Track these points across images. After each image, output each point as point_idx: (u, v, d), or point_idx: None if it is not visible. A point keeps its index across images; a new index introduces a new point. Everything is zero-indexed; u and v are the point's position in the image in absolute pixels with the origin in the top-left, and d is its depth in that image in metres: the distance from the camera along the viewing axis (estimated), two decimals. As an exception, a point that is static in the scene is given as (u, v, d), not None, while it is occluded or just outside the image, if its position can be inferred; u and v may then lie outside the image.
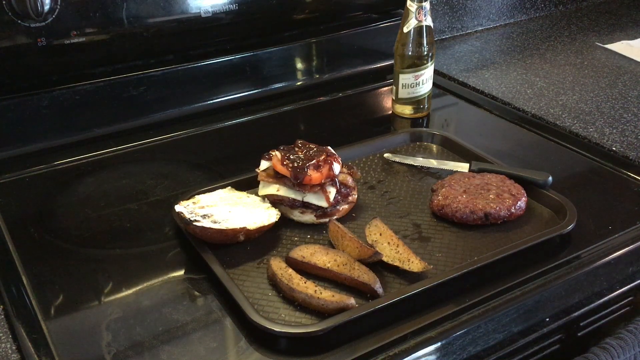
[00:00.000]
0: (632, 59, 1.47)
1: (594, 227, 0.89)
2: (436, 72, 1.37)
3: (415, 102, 1.21)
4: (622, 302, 0.91)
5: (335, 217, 0.91)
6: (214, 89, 1.27)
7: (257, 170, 0.94)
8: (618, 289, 0.89)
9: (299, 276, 0.77)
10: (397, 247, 0.82)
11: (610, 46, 1.54)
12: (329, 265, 0.79)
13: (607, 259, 0.84)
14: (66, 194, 1.01)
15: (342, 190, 0.93)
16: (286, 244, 0.87)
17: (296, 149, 0.94)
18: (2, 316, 0.76)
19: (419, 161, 1.06)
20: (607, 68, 1.43)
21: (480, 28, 1.70)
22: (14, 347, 0.71)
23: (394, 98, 1.23)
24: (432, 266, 0.80)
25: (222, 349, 0.71)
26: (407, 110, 1.23)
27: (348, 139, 1.10)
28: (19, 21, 1.01)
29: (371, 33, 1.41)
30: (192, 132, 1.19)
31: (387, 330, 0.72)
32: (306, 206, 0.91)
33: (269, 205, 0.91)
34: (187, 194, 0.93)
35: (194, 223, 0.82)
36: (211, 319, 0.75)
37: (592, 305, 0.87)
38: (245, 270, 0.81)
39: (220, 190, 0.93)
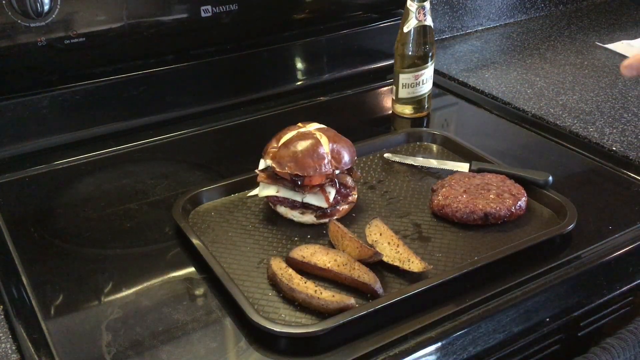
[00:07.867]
0: (632, 59, 1.47)
1: (594, 227, 0.89)
2: (436, 72, 1.37)
3: (416, 102, 1.21)
4: (623, 302, 0.91)
5: (335, 217, 0.91)
6: (214, 89, 1.27)
7: (256, 171, 0.94)
8: (618, 289, 0.89)
9: (299, 276, 0.77)
10: (397, 247, 0.82)
11: (610, 46, 1.54)
12: (329, 265, 0.79)
13: (607, 259, 0.84)
14: (66, 194, 1.01)
15: (342, 190, 0.92)
16: (286, 244, 0.87)
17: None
18: (2, 316, 0.76)
19: (419, 161, 1.06)
20: (607, 68, 1.43)
21: (480, 28, 1.70)
22: (14, 347, 0.71)
23: (394, 98, 1.23)
24: (432, 266, 0.80)
25: (222, 349, 0.71)
26: (407, 110, 1.23)
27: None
28: (19, 21, 1.01)
29: (371, 33, 1.41)
30: (192, 132, 1.19)
31: (387, 330, 0.72)
32: (306, 207, 0.90)
33: None
34: (188, 194, 0.93)
35: None
36: (211, 319, 0.75)
37: (592, 305, 0.87)
38: (245, 270, 0.81)
39: None
